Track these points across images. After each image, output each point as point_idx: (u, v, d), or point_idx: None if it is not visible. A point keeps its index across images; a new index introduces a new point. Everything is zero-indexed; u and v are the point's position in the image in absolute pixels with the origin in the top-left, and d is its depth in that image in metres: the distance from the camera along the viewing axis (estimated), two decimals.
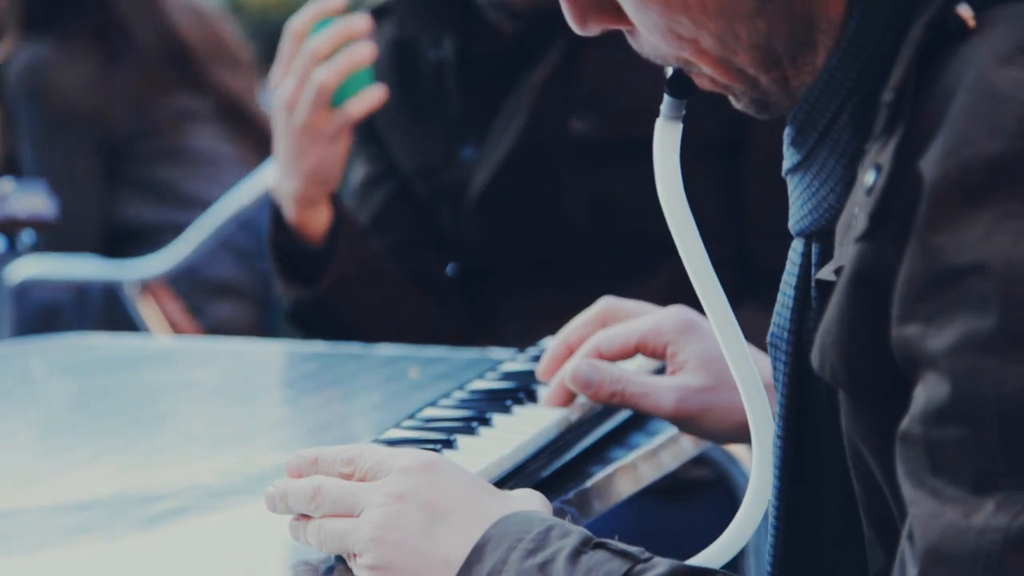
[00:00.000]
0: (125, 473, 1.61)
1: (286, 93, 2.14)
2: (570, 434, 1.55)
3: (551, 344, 1.65)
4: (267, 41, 6.57)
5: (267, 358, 2.24)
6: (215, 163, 3.78)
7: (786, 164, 1.15)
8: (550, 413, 1.56)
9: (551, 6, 2.24)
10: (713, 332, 1.37)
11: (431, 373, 1.90)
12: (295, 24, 2.16)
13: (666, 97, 1.21)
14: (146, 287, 3.57)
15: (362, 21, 2.16)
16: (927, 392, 0.91)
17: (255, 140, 3.82)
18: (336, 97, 2.12)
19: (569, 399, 1.59)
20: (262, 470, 1.58)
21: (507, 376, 1.70)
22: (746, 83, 1.13)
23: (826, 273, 1.07)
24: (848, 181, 1.07)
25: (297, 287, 2.23)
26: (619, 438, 1.62)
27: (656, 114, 1.27)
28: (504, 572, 1.12)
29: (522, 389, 1.63)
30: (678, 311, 1.59)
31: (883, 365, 0.97)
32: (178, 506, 1.48)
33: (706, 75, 1.14)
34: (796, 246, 1.18)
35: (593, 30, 1.17)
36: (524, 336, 2.20)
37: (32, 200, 2.46)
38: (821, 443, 1.14)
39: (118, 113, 3.67)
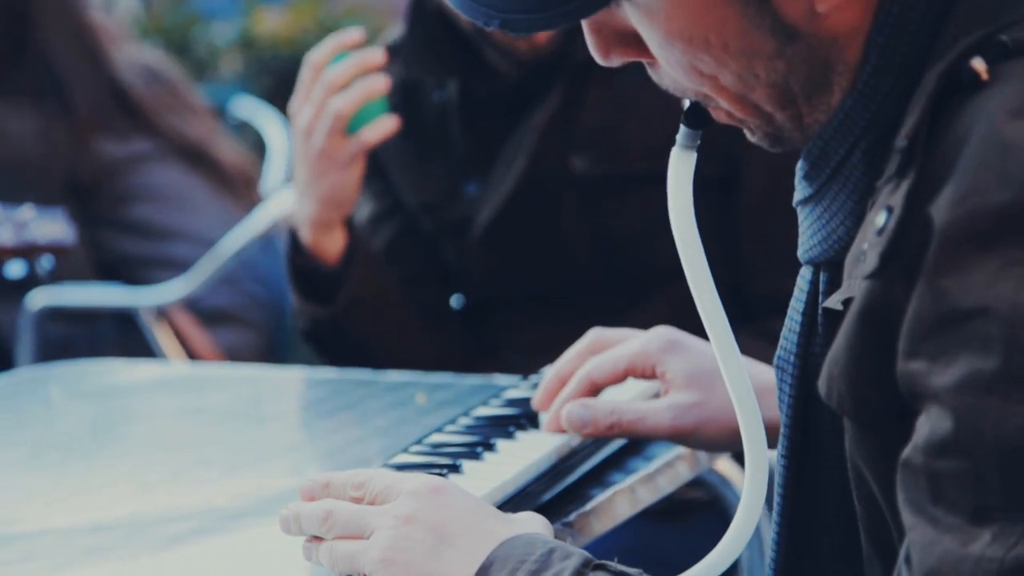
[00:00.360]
0: (142, 495, 1.61)
1: (304, 120, 2.16)
2: (570, 459, 1.57)
3: (545, 376, 1.67)
4: (277, 75, 6.59)
5: (279, 383, 2.24)
6: (185, 195, 3.81)
7: (797, 196, 1.17)
8: (550, 439, 1.57)
9: (551, 51, 2.27)
10: (695, 347, 1.39)
11: (437, 399, 1.91)
12: (314, 56, 2.17)
13: (682, 127, 1.21)
14: (162, 313, 3.59)
15: (377, 55, 2.18)
16: (930, 424, 0.93)
17: (221, 179, 3.86)
18: (351, 125, 2.14)
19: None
20: (276, 493, 1.59)
21: (510, 403, 1.71)
22: (761, 118, 1.14)
23: (833, 302, 1.08)
24: (858, 215, 1.08)
25: (313, 306, 2.25)
26: (617, 462, 1.62)
27: (651, 152, 1.28)
28: None
29: (524, 416, 1.65)
30: (661, 332, 1.60)
31: (888, 395, 0.98)
32: (194, 528, 1.49)
33: (723, 109, 1.15)
34: (804, 274, 1.20)
35: (615, 62, 1.18)
36: (526, 366, 2.21)
37: (51, 226, 2.47)
38: (823, 463, 1.15)
39: (70, 160, 3.70)
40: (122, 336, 3.68)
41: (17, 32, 3.74)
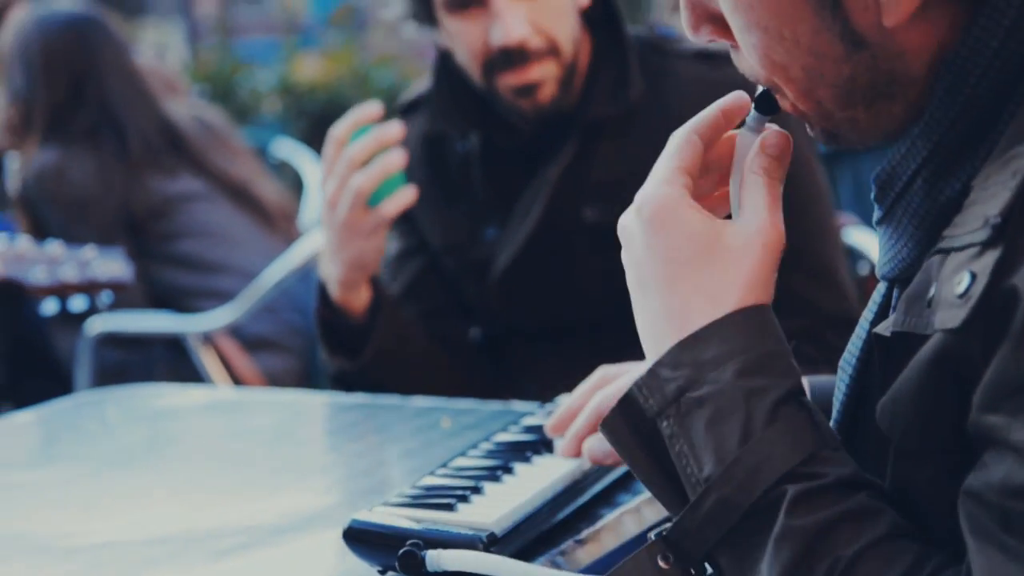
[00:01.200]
0: (194, 511, 1.64)
1: (329, 193, 2.15)
2: (582, 482, 1.58)
3: (558, 409, 1.69)
4: (313, 117, 6.61)
5: (315, 408, 2.27)
6: (230, 234, 3.84)
7: (875, 216, 1.16)
8: (564, 463, 1.59)
9: (566, 109, 2.28)
10: None
11: (461, 423, 1.93)
12: (336, 132, 2.16)
13: (752, 111, 1.20)
14: (208, 339, 3.62)
15: (394, 129, 2.16)
16: (1006, 470, 0.94)
17: (262, 216, 3.89)
18: (372, 198, 2.13)
19: (579, 451, 1.62)
20: (316, 510, 1.62)
21: (528, 430, 1.72)
22: (822, 115, 1.14)
23: (883, 328, 1.08)
24: (918, 240, 1.10)
25: (341, 358, 2.23)
26: (624, 485, 1.63)
27: None
28: (717, 372, 1.07)
29: (540, 442, 1.67)
30: None
31: (950, 433, 0.99)
32: (242, 542, 1.51)
33: (789, 100, 1.15)
34: (880, 287, 1.19)
35: (703, 38, 1.18)
36: (541, 395, 2.23)
37: (111, 264, 2.49)
38: (864, 461, 1.11)
39: (125, 198, 3.75)
40: (172, 360, 3.71)
41: (78, 82, 3.79)
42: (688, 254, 1.12)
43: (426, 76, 2.49)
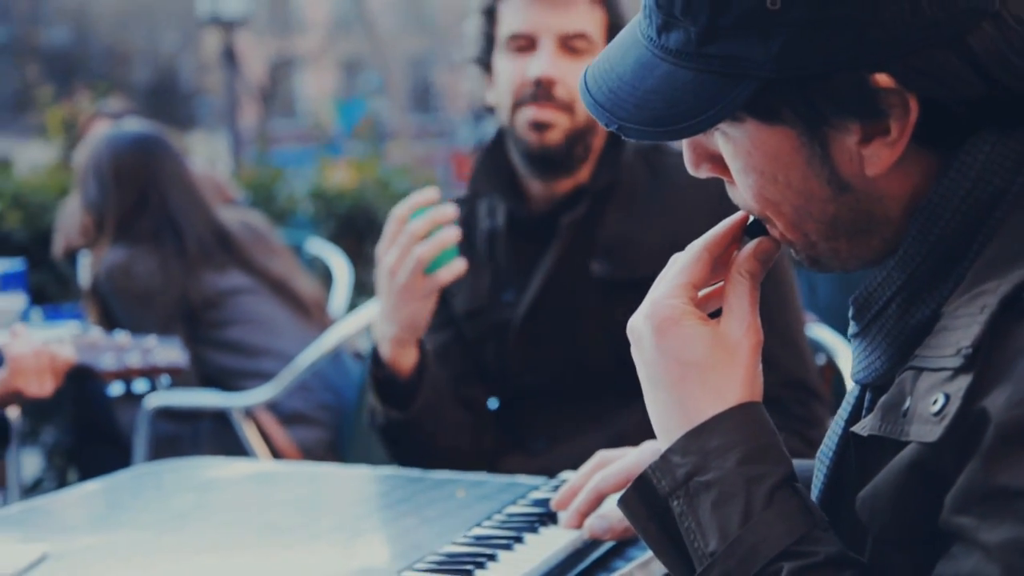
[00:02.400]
0: (239, 572, 1.63)
1: (390, 262, 2.19)
2: (583, 550, 1.58)
3: (562, 487, 1.68)
4: (340, 218, 6.64)
5: (345, 480, 2.25)
6: (272, 322, 3.87)
7: (850, 331, 1.18)
8: (567, 534, 1.59)
9: (575, 185, 2.33)
10: None
11: (474, 495, 1.92)
12: (398, 211, 2.21)
13: (744, 236, 1.21)
14: (249, 414, 3.61)
15: (449, 210, 2.22)
16: (974, 564, 0.96)
17: (299, 306, 3.91)
18: (429, 267, 2.18)
19: (581, 523, 1.61)
20: (350, 570, 1.60)
21: (536, 503, 1.72)
22: (807, 245, 1.16)
23: (860, 428, 1.09)
24: (890, 355, 1.11)
25: (392, 410, 2.27)
26: (619, 552, 1.64)
27: (659, 259, 1.28)
28: (721, 460, 1.08)
29: (547, 514, 1.66)
30: (652, 446, 1.59)
31: (925, 529, 1.01)
32: None
33: (779, 230, 1.17)
34: (853, 390, 1.20)
35: (702, 174, 1.19)
36: (548, 450, 2.22)
37: (170, 352, 2.50)
38: (843, 543, 1.12)
39: (183, 291, 3.78)
40: (218, 432, 3.70)
41: (143, 192, 3.84)
42: (692, 357, 1.13)
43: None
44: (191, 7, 16.78)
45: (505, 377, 2.42)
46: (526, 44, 2.32)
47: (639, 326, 1.17)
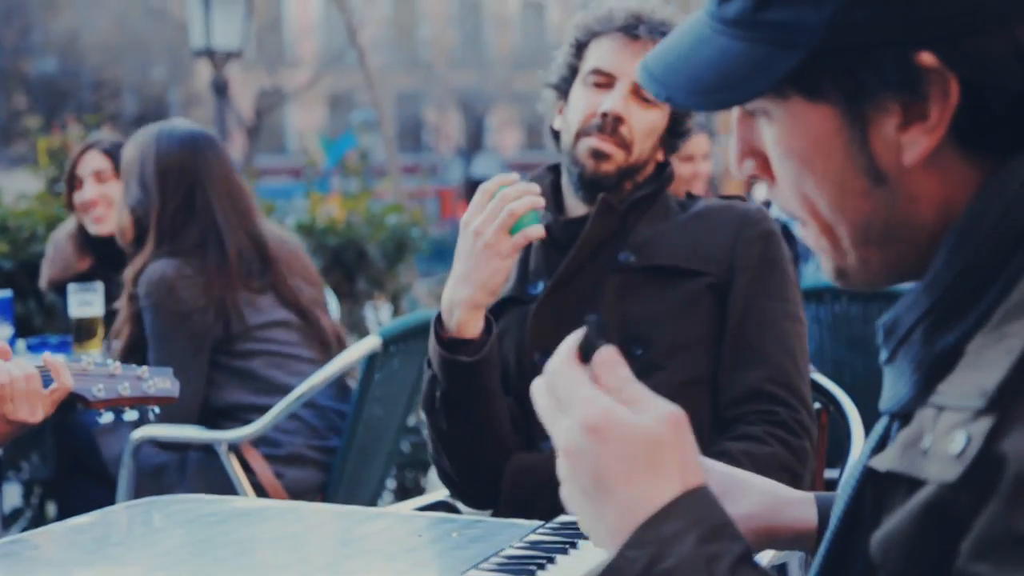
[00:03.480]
0: None
1: (478, 223, 2.31)
2: None
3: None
4: (329, 253, 6.63)
5: (334, 518, 2.22)
6: (294, 359, 3.79)
7: (882, 357, 1.17)
8: None
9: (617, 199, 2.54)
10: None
11: (468, 535, 1.90)
12: (487, 185, 2.35)
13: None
14: (233, 449, 3.59)
15: (535, 185, 2.36)
16: None
17: (319, 344, 3.85)
18: (513, 228, 2.30)
19: None
20: None
21: (533, 545, 1.70)
22: (838, 252, 1.16)
23: (878, 463, 1.09)
24: (915, 382, 1.10)
25: (461, 355, 2.34)
26: None
27: (679, 255, 1.65)
28: (679, 545, 1.07)
29: (544, 557, 1.64)
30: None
31: (938, 572, 0.99)
32: None
33: (812, 233, 1.17)
34: (882, 421, 1.20)
35: (746, 170, 1.20)
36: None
37: (162, 382, 2.48)
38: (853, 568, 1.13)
39: (220, 315, 3.67)
40: (205, 466, 3.67)
41: (188, 192, 3.72)
42: (634, 452, 1.11)
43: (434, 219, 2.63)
44: (182, 39, 16.84)
45: (521, 368, 2.50)
46: (605, 82, 2.55)
47: (575, 442, 1.13)
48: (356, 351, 3.61)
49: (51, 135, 6.81)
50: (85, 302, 4.20)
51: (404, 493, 5.79)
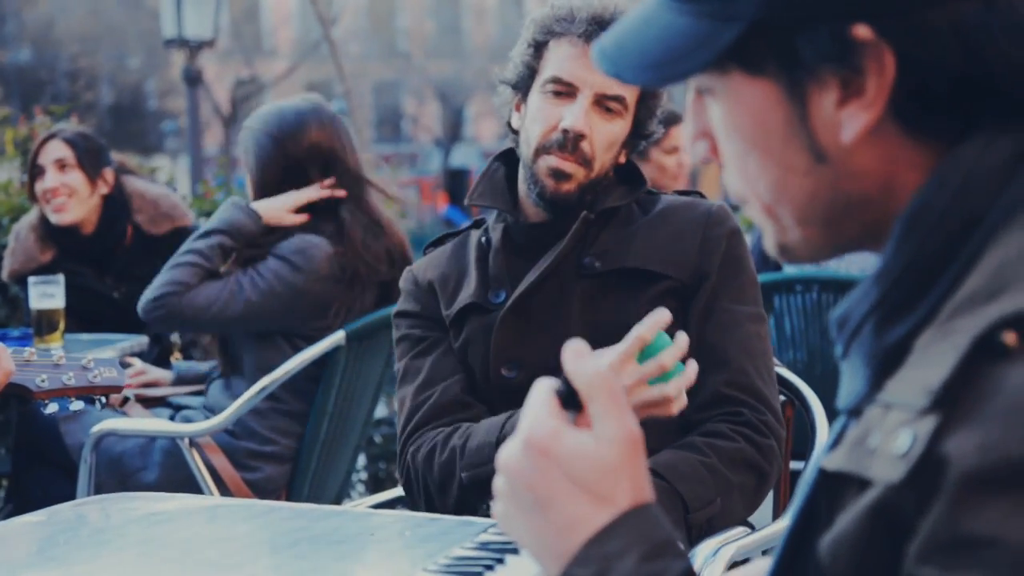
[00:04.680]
0: None
1: (623, 383, 2.09)
2: None
3: None
4: None
5: (288, 519, 2.18)
6: None
7: (836, 352, 1.15)
8: None
9: (577, 203, 2.45)
10: None
11: (420, 534, 1.87)
12: (641, 332, 2.08)
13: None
14: (195, 444, 3.55)
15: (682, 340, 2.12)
16: None
17: None
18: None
19: None
20: None
21: (483, 546, 1.67)
22: (780, 230, 1.15)
23: (828, 462, 1.07)
24: (867, 377, 1.08)
25: None
26: None
27: (647, 259, 1.61)
28: (622, 562, 1.07)
29: (493, 558, 1.62)
30: None
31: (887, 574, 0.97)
32: None
33: (755, 211, 1.16)
34: (840, 419, 1.17)
35: (698, 152, 1.20)
36: None
37: (108, 371, 2.44)
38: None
39: (320, 304, 3.65)
40: (169, 452, 3.64)
41: (324, 169, 3.68)
42: (579, 470, 1.11)
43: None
44: (158, 28, 16.74)
45: (488, 378, 2.46)
46: (565, 91, 2.45)
47: (517, 460, 1.13)
48: (320, 346, 3.57)
49: (20, 126, 6.75)
50: (46, 294, 4.15)
51: (377, 484, 5.77)
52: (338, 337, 3.58)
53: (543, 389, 1.17)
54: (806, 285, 4.48)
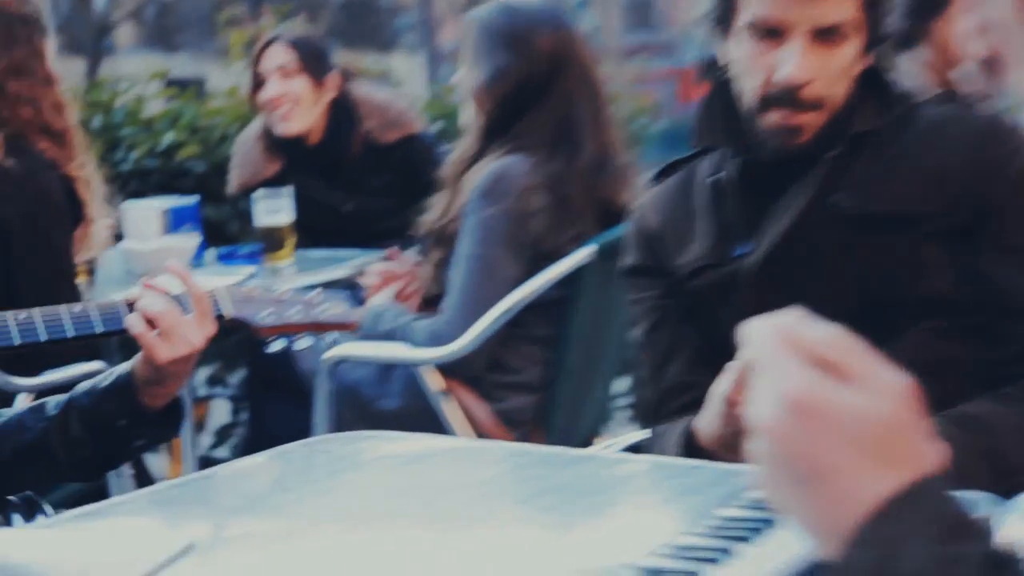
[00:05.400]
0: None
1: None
2: None
3: None
4: None
5: (537, 463, 2.08)
6: None
7: None
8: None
9: (825, 130, 2.24)
10: None
11: (679, 486, 1.78)
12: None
13: None
14: (439, 368, 3.52)
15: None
16: None
17: None
18: None
19: None
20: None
21: (754, 505, 1.56)
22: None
23: None
24: None
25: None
26: None
27: (910, 196, 1.33)
28: (912, 546, 0.97)
29: (765, 519, 1.50)
30: None
31: None
32: None
33: None
34: None
35: (980, 45, 1.10)
36: None
37: (335, 307, 2.42)
38: None
39: (543, 237, 3.53)
40: (409, 380, 3.63)
41: (548, 80, 3.53)
42: (857, 432, 0.99)
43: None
44: None
45: (727, 342, 2.28)
46: (773, 34, 2.22)
47: (780, 423, 1.01)
48: (568, 262, 3.49)
49: (246, 27, 6.86)
50: (273, 209, 4.18)
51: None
52: (589, 252, 3.49)
53: (769, 331, 1.09)
54: None
